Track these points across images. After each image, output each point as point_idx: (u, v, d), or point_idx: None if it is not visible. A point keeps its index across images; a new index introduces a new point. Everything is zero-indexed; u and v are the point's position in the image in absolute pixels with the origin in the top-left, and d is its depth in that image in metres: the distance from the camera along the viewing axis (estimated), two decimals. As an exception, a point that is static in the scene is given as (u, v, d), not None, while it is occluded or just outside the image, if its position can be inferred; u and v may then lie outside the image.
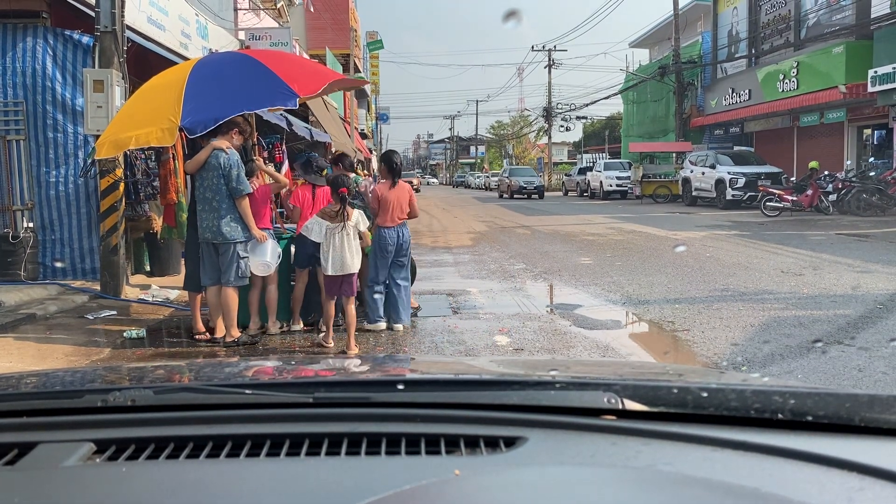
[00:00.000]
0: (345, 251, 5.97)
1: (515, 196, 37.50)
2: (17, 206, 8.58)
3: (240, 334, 6.15)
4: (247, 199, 6.05)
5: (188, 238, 6.56)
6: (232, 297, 6.05)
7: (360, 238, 6.18)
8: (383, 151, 7.72)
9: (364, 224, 6.19)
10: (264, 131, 11.80)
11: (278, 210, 7.51)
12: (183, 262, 7.57)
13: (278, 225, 6.75)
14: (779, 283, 8.79)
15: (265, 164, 9.91)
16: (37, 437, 1.13)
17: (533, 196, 37.17)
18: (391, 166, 6.81)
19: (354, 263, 6.05)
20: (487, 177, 61.19)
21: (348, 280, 6.07)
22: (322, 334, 6.33)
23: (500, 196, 40.77)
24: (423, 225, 7.45)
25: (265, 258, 6.18)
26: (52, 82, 8.47)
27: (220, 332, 6.19)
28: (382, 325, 6.70)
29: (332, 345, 6.20)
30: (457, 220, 22.14)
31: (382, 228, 6.67)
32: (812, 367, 5.29)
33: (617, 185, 33.12)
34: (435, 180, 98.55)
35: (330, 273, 6.00)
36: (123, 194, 8.35)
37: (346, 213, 5.99)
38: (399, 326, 6.71)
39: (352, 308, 6.11)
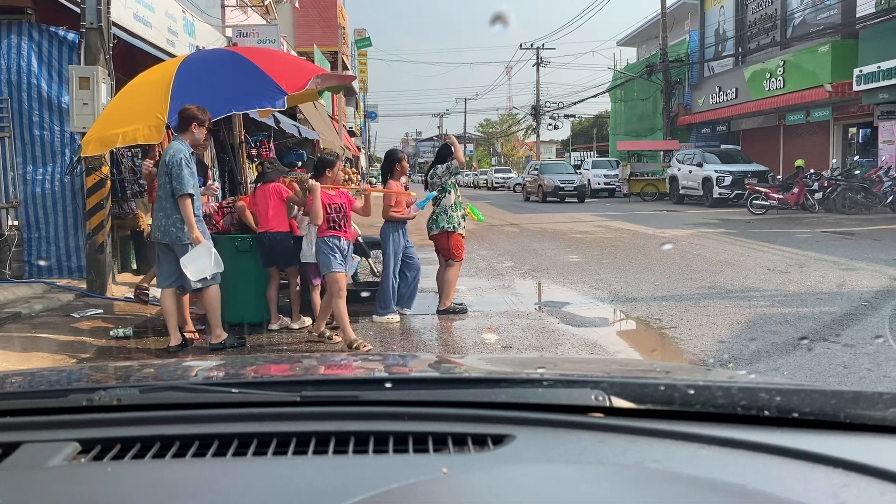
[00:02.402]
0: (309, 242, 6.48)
1: (549, 199, 29.79)
2: (2, 204, 8.52)
3: (226, 335, 5.98)
4: (188, 199, 5.68)
5: None
6: (214, 296, 5.86)
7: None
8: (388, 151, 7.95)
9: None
10: (252, 129, 11.76)
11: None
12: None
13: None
14: (765, 281, 8.84)
15: (251, 160, 9.90)
16: (21, 437, 1.12)
17: (569, 200, 29.62)
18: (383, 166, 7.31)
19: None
20: (476, 175, 61.23)
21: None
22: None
23: (527, 199, 32.56)
24: (412, 224, 7.43)
25: (194, 267, 5.74)
26: (38, 79, 8.40)
27: (174, 340, 5.90)
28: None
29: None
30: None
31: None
32: (798, 364, 5.32)
33: (605, 184, 33.20)
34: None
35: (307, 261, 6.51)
36: (110, 192, 8.29)
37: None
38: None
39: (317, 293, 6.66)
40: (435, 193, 7.19)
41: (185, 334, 6.30)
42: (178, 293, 6.17)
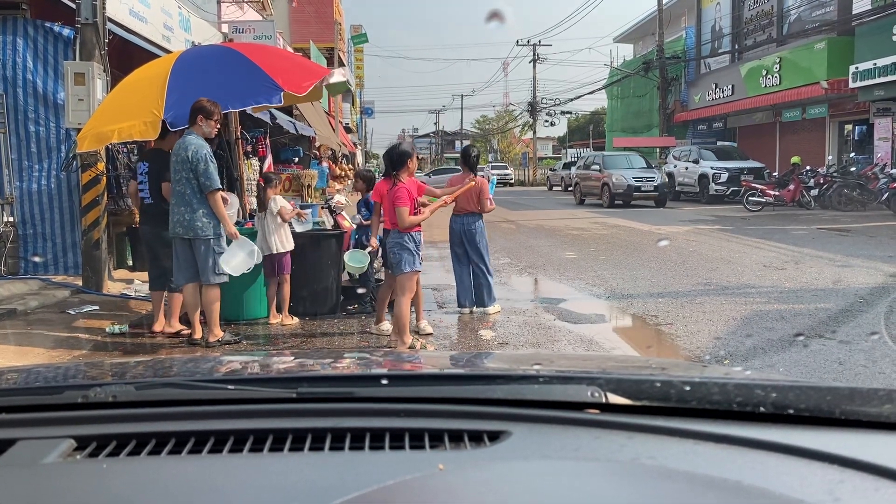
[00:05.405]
0: (266, 235, 6.55)
1: (616, 203, 22.56)
2: (-3, 201, 8.50)
3: (223, 334, 5.92)
4: (218, 194, 5.75)
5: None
6: (214, 295, 5.82)
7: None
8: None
9: (279, 206, 6.63)
10: (248, 125, 11.73)
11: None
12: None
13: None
14: (761, 278, 8.85)
15: (247, 156, 9.85)
16: (16, 434, 1.11)
17: (635, 204, 22.37)
18: (466, 161, 7.39)
19: (275, 245, 6.59)
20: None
21: (280, 260, 6.64)
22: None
23: (581, 202, 25.16)
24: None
25: (233, 260, 5.85)
26: (33, 75, 8.36)
27: (198, 333, 5.95)
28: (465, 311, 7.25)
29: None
30: (441, 213, 22.10)
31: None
32: (793, 360, 5.34)
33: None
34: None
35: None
36: (105, 188, 8.27)
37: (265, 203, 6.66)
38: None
39: (286, 287, 6.75)
40: (496, 178, 7.49)
41: (181, 332, 6.30)
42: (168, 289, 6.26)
